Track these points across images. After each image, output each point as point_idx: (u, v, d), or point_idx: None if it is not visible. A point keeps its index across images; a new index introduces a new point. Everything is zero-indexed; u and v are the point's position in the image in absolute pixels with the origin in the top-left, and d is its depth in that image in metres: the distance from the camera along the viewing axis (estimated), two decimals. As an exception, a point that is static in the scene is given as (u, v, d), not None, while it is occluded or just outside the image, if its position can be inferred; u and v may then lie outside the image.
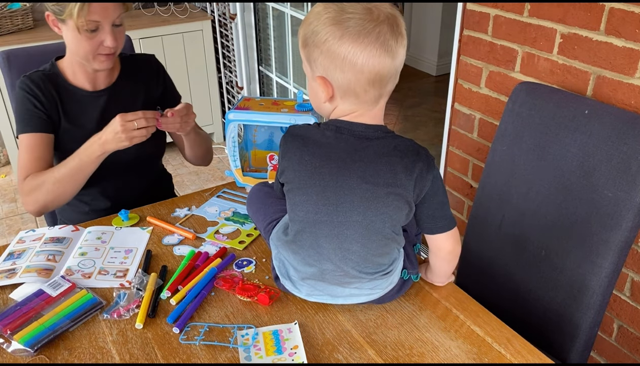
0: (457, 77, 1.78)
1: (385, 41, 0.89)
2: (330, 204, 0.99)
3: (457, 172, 1.90)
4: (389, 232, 1.01)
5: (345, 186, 0.97)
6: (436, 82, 4.61)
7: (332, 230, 1.01)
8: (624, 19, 1.25)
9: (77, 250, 1.27)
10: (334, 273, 1.04)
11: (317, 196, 0.99)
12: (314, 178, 0.99)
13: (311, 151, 0.99)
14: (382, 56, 0.89)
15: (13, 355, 0.99)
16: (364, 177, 0.96)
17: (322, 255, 1.03)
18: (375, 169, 0.96)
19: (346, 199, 0.98)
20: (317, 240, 1.03)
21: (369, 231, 1.00)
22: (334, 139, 0.98)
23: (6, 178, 3.24)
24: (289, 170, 1.02)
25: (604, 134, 1.14)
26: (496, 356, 1.00)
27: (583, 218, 1.17)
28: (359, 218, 0.99)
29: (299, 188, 1.01)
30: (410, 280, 1.14)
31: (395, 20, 0.91)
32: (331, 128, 0.99)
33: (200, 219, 1.42)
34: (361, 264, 1.03)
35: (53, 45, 1.59)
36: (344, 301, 1.09)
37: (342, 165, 0.97)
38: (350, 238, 1.00)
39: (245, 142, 1.61)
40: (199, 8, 3.42)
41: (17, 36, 2.92)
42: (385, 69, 0.91)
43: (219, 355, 1.00)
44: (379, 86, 0.93)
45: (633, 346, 1.46)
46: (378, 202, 0.97)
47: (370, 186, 0.96)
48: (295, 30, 2.73)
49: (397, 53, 0.91)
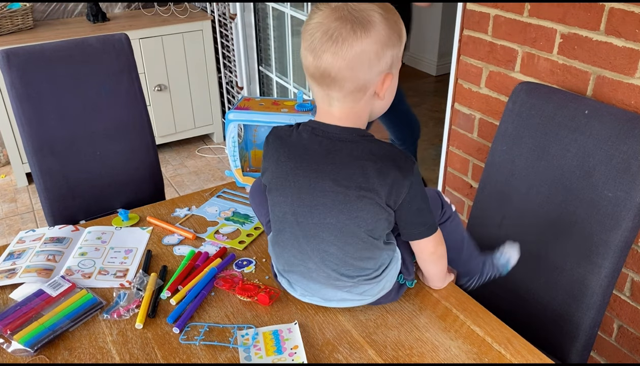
0: (457, 77, 1.78)
1: (312, 42, 0.90)
2: (305, 206, 0.99)
3: (457, 172, 1.90)
4: (364, 236, 1.00)
5: (319, 188, 0.97)
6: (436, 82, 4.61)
7: (309, 231, 1.01)
8: (624, 19, 1.25)
9: (77, 250, 1.27)
10: (318, 272, 1.05)
11: (292, 198, 1.00)
12: (289, 180, 0.99)
13: (287, 152, 1.00)
14: (307, 53, 0.91)
15: (13, 355, 0.99)
16: (336, 180, 0.96)
17: (305, 254, 1.04)
18: (347, 172, 0.95)
19: (319, 202, 0.98)
20: (298, 240, 1.03)
21: (343, 233, 0.99)
22: (309, 141, 0.98)
23: (6, 178, 3.24)
24: (269, 171, 1.04)
25: (604, 134, 1.14)
26: (496, 356, 1.00)
27: (583, 218, 1.17)
28: (333, 221, 0.98)
29: (277, 189, 1.03)
30: (405, 286, 1.13)
31: (342, 27, 0.88)
32: (307, 129, 0.99)
33: (200, 219, 1.42)
34: (340, 266, 1.03)
35: (53, 45, 1.59)
36: (336, 304, 1.09)
37: (315, 167, 0.97)
38: (326, 240, 1.01)
39: (245, 142, 1.61)
40: (199, 8, 3.42)
41: (17, 36, 2.92)
42: (311, 68, 0.92)
43: (219, 355, 0.99)
44: (315, 82, 0.93)
45: (633, 346, 1.46)
46: (351, 205, 0.96)
47: (342, 188, 0.96)
48: (295, 30, 2.73)
49: (321, 57, 0.89)
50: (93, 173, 1.65)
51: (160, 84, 3.24)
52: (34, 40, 2.79)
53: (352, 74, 0.90)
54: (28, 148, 1.56)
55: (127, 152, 1.69)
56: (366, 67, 0.90)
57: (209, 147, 3.59)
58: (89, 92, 1.61)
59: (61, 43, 1.62)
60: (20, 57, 1.52)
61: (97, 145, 1.64)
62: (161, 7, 3.35)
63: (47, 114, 1.56)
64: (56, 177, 1.60)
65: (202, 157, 3.47)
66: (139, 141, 1.70)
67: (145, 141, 1.71)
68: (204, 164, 3.38)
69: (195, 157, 3.47)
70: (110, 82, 1.63)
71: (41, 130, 1.55)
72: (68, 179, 1.62)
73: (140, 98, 1.68)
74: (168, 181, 3.17)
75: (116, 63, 1.63)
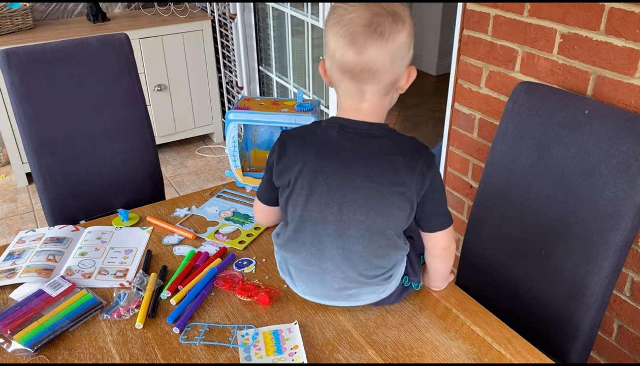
0: (457, 77, 1.78)
1: (354, 36, 0.89)
2: (335, 203, 0.98)
3: (457, 172, 1.90)
4: (390, 233, 1.01)
5: (350, 185, 0.97)
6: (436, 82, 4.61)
7: (336, 229, 1.00)
8: (624, 19, 1.25)
9: (77, 250, 1.27)
10: (333, 274, 1.04)
11: (320, 196, 0.99)
12: (319, 178, 0.98)
13: (314, 151, 0.99)
14: (346, 47, 0.90)
15: (13, 355, 0.99)
16: (368, 175, 0.96)
17: (324, 254, 1.03)
18: (379, 167, 0.96)
19: (350, 198, 0.98)
20: (320, 238, 1.02)
21: (370, 231, 1.00)
22: (338, 137, 0.98)
23: (6, 178, 3.24)
24: (289, 172, 1.01)
25: (604, 134, 1.14)
26: (496, 356, 1.00)
27: (583, 218, 1.17)
28: (362, 218, 0.98)
29: (302, 188, 1.00)
30: (411, 288, 1.13)
31: (383, 20, 0.90)
32: (334, 126, 0.98)
33: (200, 219, 1.42)
34: (361, 266, 1.03)
35: (53, 45, 1.59)
36: (338, 303, 1.09)
37: (346, 164, 0.97)
38: (352, 238, 1.00)
39: (245, 142, 1.61)
40: (199, 8, 3.42)
41: (17, 36, 2.92)
42: (350, 62, 0.91)
43: (219, 355, 0.99)
44: (351, 77, 0.93)
45: (633, 346, 1.45)
46: (382, 201, 0.97)
47: (374, 184, 0.96)
48: (295, 31, 2.73)
49: (366, 51, 0.89)
50: (93, 173, 1.65)
51: (160, 84, 3.24)
52: (34, 40, 2.79)
53: (391, 67, 0.92)
54: (28, 148, 1.56)
55: (127, 152, 1.69)
56: (401, 60, 0.93)
57: (209, 147, 3.59)
58: (89, 92, 1.61)
59: (61, 43, 1.62)
60: (20, 57, 1.52)
61: (97, 145, 1.64)
62: (161, 7, 3.35)
63: (47, 114, 1.56)
64: (56, 177, 1.60)
65: (202, 157, 3.47)
66: (139, 141, 1.70)
67: (145, 140, 1.71)
68: (204, 164, 3.38)
69: (195, 157, 3.47)
70: (110, 82, 1.63)
71: (41, 130, 1.55)
72: (68, 179, 1.62)
73: (140, 98, 1.68)
74: (168, 181, 3.17)
75: (116, 63, 1.63)
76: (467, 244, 1.46)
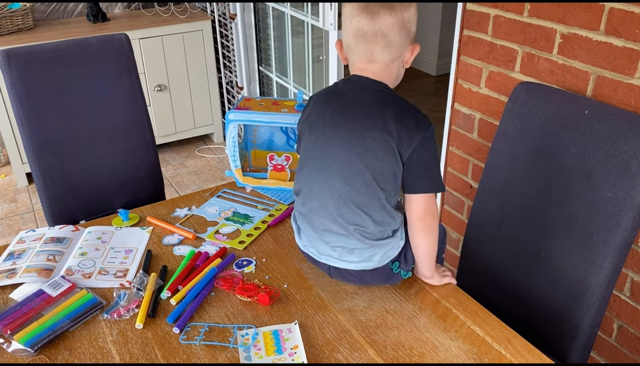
0: (457, 77, 1.78)
1: (368, 5, 1.04)
2: (325, 139, 1.11)
3: (457, 172, 1.89)
4: (369, 178, 1.07)
5: (340, 126, 1.09)
6: (436, 82, 4.61)
7: (322, 162, 1.10)
8: (624, 19, 1.25)
9: (77, 250, 1.27)
10: (319, 213, 1.12)
11: (317, 134, 1.12)
12: (320, 118, 1.12)
13: (324, 98, 1.14)
14: (361, 15, 1.04)
15: (13, 355, 0.99)
16: (354, 117, 1.08)
17: (312, 191, 1.13)
18: (368, 114, 1.07)
19: (336, 135, 1.09)
20: (311, 175, 1.14)
21: (349, 169, 1.07)
22: (342, 88, 1.12)
23: (6, 178, 3.24)
24: (304, 116, 1.17)
25: (604, 134, 1.14)
26: (496, 356, 1.00)
27: (583, 218, 1.17)
28: (344, 155, 1.08)
29: (309, 127, 1.14)
30: (400, 276, 1.15)
31: None
32: (343, 80, 1.13)
33: (200, 219, 1.42)
34: (341, 206, 1.09)
35: (53, 45, 1.59)
36: (325, 260, 1.14)
37: (341, 108, 1.10)
38: (334, 174, 1.09)
39: (245, 142, 1.61)
40: (199, 8, 3.42)
41: (17, 36, 2.92)
42: (365, 27, 1.04)
43: (219, 355, 1.00)
44: (364, 41, 1.06)
45: (633, 346, 1.45)
46: (362, 142, 1.06)
47: (359, 126, 1.07)
48: (295, 31, 2.72)
49: (378, 16, 1.03)
50: (93, 173, 1.65)
51: (160, 84, 3.24)
52: (34, 40, 2.79)
53: (399, 35, 1.06)
54: (28, 148, 1.56)
55: (127, 152, 1.69)
56: (407, 32, 1.07)
57: (209, 147, 3.59)
58: (89, 92, 1.61)
59: (61, 43, 1.62)
60: (20, 57, 1.52)
61: (97, 145, 1.64)
62: (161, 7, 3.35)
63: (47, 114, 1.56)
64: (56, 177, 1.60)
65: (202, 157, 3.47)
66: (138, 141, 1.70)
67: (145, 141, 1.71)
68: (204, 164, 3.38)
69: (195, 157, 3.47)
70: (110, 82, 1.63)
71: (41, 130, 1.55)
72: (68, 179, 1.62)
73: (140, 98, 1.68)
74: (168, 181, 3.17)
75: (116, 63, 1.63)
76: (467, 244, 1.46)
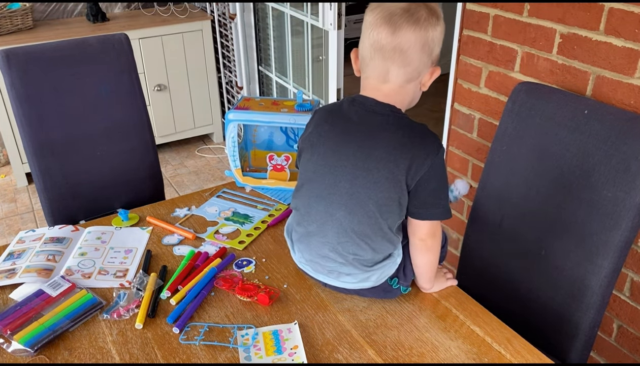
0: (456, 77, 1.78)
1: (391, 17, 0.95)
2: (327, 165, 1.04)
3: (457, 172, 1.90)
4: (372, 210, 1.02)
5: (343, 152, 1.03)
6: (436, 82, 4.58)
7: (322, 191, 1.05)
8: (624, 19, 1.25)
9: (77, 250, 1.27)
10: (317, 237, 1.08)
11: (318, 157, 1.06)
12: (321, 140, 1.06)
13: (326, 118, 1.08)
14: (382, 26, 0.95)
15: (13, 355, 0.99)
16: (360, 147, 1.01)
17: (310, 215, 1.08)
18: (373, 142, 1.00)
19: (340, 164, 1.03)
20: (309, 199, 1.08)
21: (352, 200, 1.03)
22: (347, 110, 1.04)
23: (6, 178, 3.24)
24: (305, 133, 1.10)
25: (604, 134, 1.14)
26: (496, 356, 1.00)
27: (583, 218, 1.17)
28: (347, 185, 1.02)
29: (309, 147, 1.08)
30: (399, 290, 1.13)
31: (421, 9, 0.95)
32: (349, 100, 1.06)
33: (200, 219, 1.42)
34: (341, 234, 1.05)
35: (53, 45, 1.59)
36: (322, 278, 1.12)
37: (345, 132, 1.03)
38: (335, 203, 1.04)
39: (245, 142, 1.61)
40: (198, 8, 3.42)
41: (17, 36, 2.92)
42: (383, 40, 0.95)
43: (219, 355, 1.00)
44: (381, 55, 0.97)
45: (633, 346, 1.46)
46: (367, 174, 1.00)
47: (363, 156, 1.00)
48: (295, 30, 2.72)
49: (400, 31, 0.94)
50: (93, 173, 1.65)
51: (160, 84, 3.24)
52: (34, 40, 2.79)
53: (419, 54, 0.97)
54: (28, 148, 1.56)
55: (127, 152, 1.69)
56: (430, 52, 0.98)
57: (209, 147, 3.59)
58: (89, 93, 1.61)
59: (61, 43, 1.62)
60: (20, 57, 1.52)
61: (97, 145, 1.64)
62: (161, 7, 3.35)
63: (47, 114, 1.56)
64: (56, 177, 1.60)
65: (201, 157, 3.47)
66: (138, 141, 1.70)
67: (145, 141, 1.71)
68: (203, 164, 3.38)
69: (195, 157, 3.47)
70: (110, 82, 1.63)
71: (41, 130, 1.55)
72: (68, 179, 1.62)
73: (140, 98, 1.68)
74: (168, 181, 3.17)
75: (116, 63, 1.63)
76: (467, 244, 1.46)
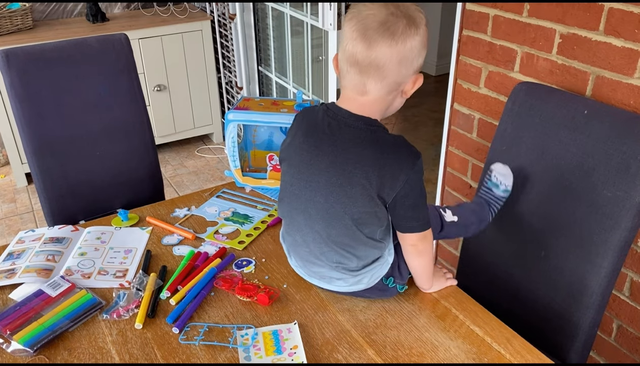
0: (456, 77, 1.78)
1: (366, 30, 0.91)
2: (303, 180, 1.03)
3: (456, 172, 1.90)
4: (349, 223, 1.02)
5: (316, 166, 1.01)
6: (436, 82, 4.61)
7: (301, 205, 1.06)
8: (623, 19, 1.25)
9: (77, 250, 1.27)
10: (302, 247, 1.09)
11: (294, 169, 1.05)
12: (297, 152, 1.04)
13: (302, 127, 1.05)
14: (357, 40, 0.92)
15: (13, 355, 0.99)
16: (334, 162, 0.99)
17: (294, 226, 1.09)
18: (344, 157, 0.98)
19: (314, 179, 1.02)
20: (291, 211, 1.08)
21: (329, 214, 1.02)
22: (321, 120, 1.02)
23: (6, 178, 3.24)
24: (285, 144, 1.09)
25: (603, 134, 1.14)
26: (496, 356, 1.00)
27: (582, 218, 1.17)
28: (322, 200, 1.02)
29: (286, 159, 1.08)
30: (396, 290, 1.13)
31: (398, 21, 0.91)
32: (323, 108, 1.03)
33: (199, 219, 1.42)
34: (323, 246, 1.06)
35: (52, 45, 1.59)
36: (316, 283, 1.13)
37: (318, 145, 1.01)
38: (313, 217, 1.05)
39: (244, 142, 1.61)
40: (198, 8, 3.42)
41: (17, 36, 2.92)
42: (359, 55, 0.92)
43: (218, 355, 1.00)
44: (357, 70, 0.94)
45: (632, 346, 1.46)
46: (341, 190, 0.99)
47: (336, 172, 0.99)
48: (295, 31, 2.73)
49: (375, 46, 0.91)
50: (93, 173, 1.65)
51: (160, 84, 3.24)
52: (34, 40, 2.79)
53: (397, 68, 0.94)
54: (28, 148, 1.56)
55: (126, 152, 1.69)
56: (409, 64, 0.95)
57: (209, 147, 3.59)
58: (88, 92, 1.61)
59: (61, 43, 1.62)
60: (20, 57, 1.52)
61: (97, 145, 1.64)
62: (161, 7, 3.35)
63: (47, 114, 1.56)
64: (56, 177, 1.60)
65: (201, 158, 3.47)
66: (138, 141, 1.70)
67: (144, 141, 1.71)
68: (203, 164, 3.38)
69: (195, 157, 3.47)
70: (110, 82, 1.63)
71: (41, 130, 1.55)
72: (68, 179, 1.62)
73: (139, 98, 1.68)
74: (167, 181, 3.17)
75: (116, 63, 1.63)
76: (467, 245, 1.47)
